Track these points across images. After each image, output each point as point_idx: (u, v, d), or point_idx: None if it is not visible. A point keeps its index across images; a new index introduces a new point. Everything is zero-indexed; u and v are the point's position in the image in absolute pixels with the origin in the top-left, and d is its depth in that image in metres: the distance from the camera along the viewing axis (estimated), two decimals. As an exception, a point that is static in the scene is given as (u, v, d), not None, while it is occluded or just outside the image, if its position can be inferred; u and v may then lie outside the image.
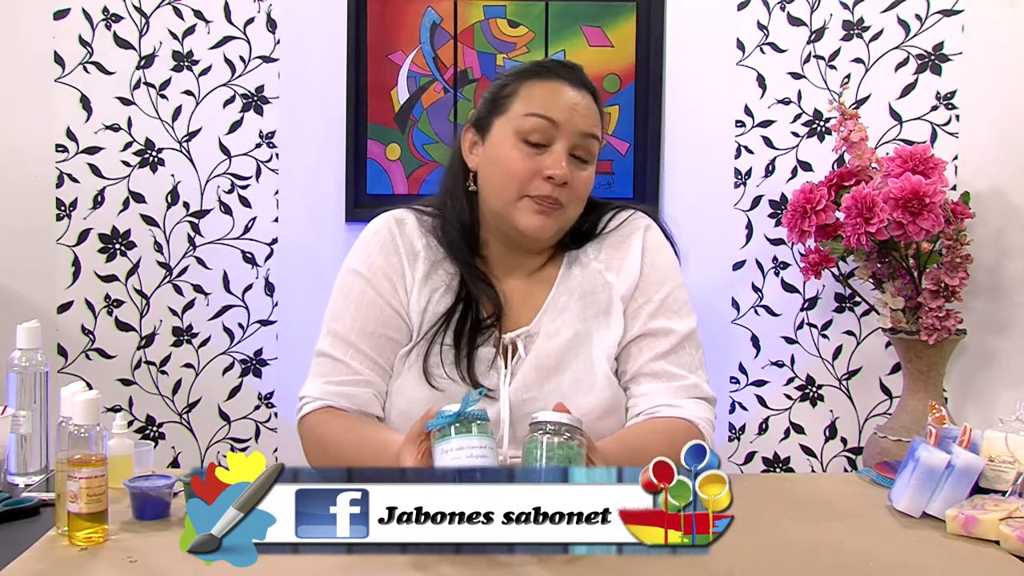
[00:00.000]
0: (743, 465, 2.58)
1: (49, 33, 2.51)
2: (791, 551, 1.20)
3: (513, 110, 1.50)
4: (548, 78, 1.51)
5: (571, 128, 1.48)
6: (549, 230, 1.50)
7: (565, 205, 1.49)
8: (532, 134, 1.47)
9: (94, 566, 1.14)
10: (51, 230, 2.54)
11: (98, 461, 1.19)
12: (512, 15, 2.53)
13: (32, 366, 1.49)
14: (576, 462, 1.18)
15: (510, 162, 1.48)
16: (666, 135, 2.54)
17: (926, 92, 2.48)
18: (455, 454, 1.15)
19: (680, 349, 1.53)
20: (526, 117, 1.48)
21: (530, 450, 1.19)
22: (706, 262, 2.48)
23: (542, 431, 1.19)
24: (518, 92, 1.51)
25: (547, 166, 1.46)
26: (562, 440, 1.18)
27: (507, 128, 1.49)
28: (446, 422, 1.16)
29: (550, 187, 1.46)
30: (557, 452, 1.17)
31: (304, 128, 2.54)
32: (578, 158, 1.49)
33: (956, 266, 2.25)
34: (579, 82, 1.52)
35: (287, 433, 2.48)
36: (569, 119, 1.47)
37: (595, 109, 1.53)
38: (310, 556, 1.15)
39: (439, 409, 1.19)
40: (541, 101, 1.49)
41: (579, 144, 1.49)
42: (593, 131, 1.51)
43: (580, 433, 1.20)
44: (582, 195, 1.52)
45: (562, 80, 1.51)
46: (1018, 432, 1.37)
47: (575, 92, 1.50)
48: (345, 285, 1.56)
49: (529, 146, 1.47)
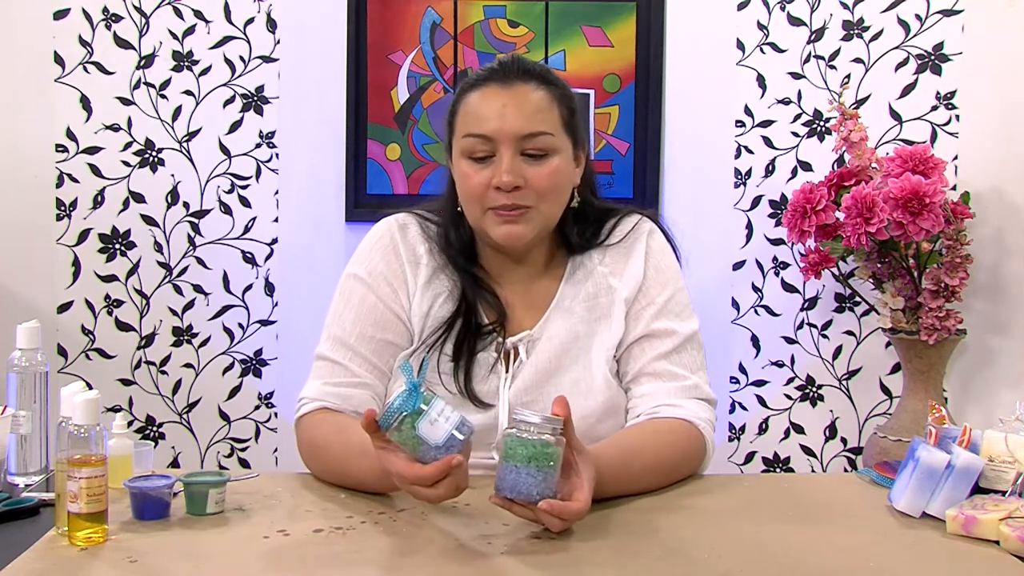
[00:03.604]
0: (743, 465, 2.58)
1: (49, 33, 2.51)
2: (791, 551, 1.20)
3: (457, 130, 1.50)
4: (479, 87, 1.49)
5: (506, 136, 1.45)
6: (523, 236, 1.49)
7: (533, 205, 1.47)
8: (474, 152, 1.47)
9: (94, 566, 1.14)
10: (51, 230, 2.54)
11: (98, 461, 1.19)
12: (512, 15, 2.53)
13: (32, 366, 1.48)
14: (539, 460, 1.17)
15: (465, 180, 1.48)
16: (666, 135, 2.54)
17: (926, 92, 2.48)
18: (444, 415, 1.17)
19: (682, 350, 1.53)
20: (464, 138, 1.48)
21: (503, 444, 1.20)
22: (706, 262, 2.48)
23: (515, 428, 1.19)
24: (458, 110, 1.50)
25: (492, 176, 1.45)
26: (528, 437, 1.17)
27: (456, 148, 1.50)
28: (418, 399, 1.17)
29: (503, 196, 1.45)
30: (520, 450, 1.17)
31: (304, 128, 2.54)
32: (531, 155, 1.47)
33: (956, 266, 2.25)
34: (514, 76, 1.47)
35: (287, 433, 2.47)
36: (500, 128, 1.45)
37: (536, 99, 1.47)
38: (304, 548, 1.15)
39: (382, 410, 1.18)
40: (473, 117, 1.47)
41: (524, 146, 1.46)
42: (533, 129, 1.45)
43: (556, 432, 1.19)
44: (549, 189, 1.48)
45: (493, 83, 1.48)
46: (1018, 432, 1.37)
47: (507, 92, 1.46)
48: (346, 289, 1.56)
49: (477, 161, 1.47)
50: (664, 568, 1.15)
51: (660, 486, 1.43)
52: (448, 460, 1.16)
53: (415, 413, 1.17)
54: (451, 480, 1.18)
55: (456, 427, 1.17)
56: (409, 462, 1.18)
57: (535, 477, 1.17)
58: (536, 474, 1.17)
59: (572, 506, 1.20)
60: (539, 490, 1.17)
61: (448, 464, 1.15)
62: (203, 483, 1.30)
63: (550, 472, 1.18)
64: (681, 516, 1.33)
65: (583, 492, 1.21)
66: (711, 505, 1.38)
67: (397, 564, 1.16)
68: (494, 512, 1.24)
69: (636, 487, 1.39)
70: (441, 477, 1.17)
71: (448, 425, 1.17)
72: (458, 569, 1.14)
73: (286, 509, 1.33)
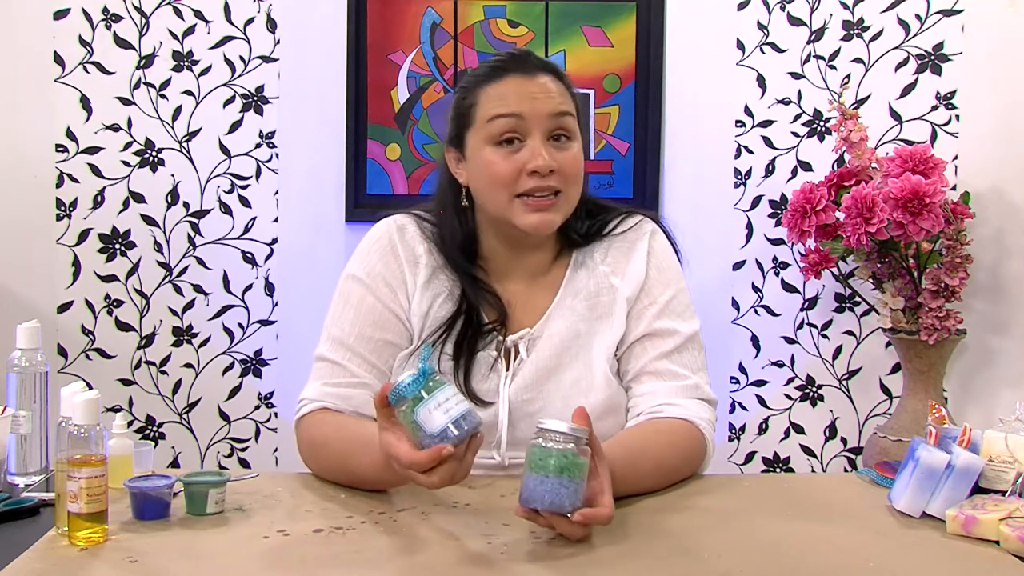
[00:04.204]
0: (743, 465, 2.58)
1: (49, 33, 2.51)
2: (790, 551, 1.20)
3: (479, 119, 1.49)
4: (501, 77, 1.49)
5: (538, 115, 1.46)
6: (554, 223, 1.49)
7: (562, 189, 1.48)
8: (504, 134, 1.46)
9: (94, 566, 1.14)
10: (51, 230, 2.54)
11: (98, 461, 1.19)
12: (512, 15, 2.53)
13: (32, 366, 1.48)
14: (570, 471, 1.16)
15: (492, 168, 1.47)
16: (666, 135, 2.54)
17: (926, 92, 2.48)
18: (446, 406, 1.16)
19: (683, 350, 1.53)
20: (492, 121, 1.47)
21: (528, 455, 1.19)
22: (706, 262, 2.48)
23: (541, 438, 1.18)
24: (478, 100, 1.49)
25: (527, 160, 1.45)
26: (559, 448, 1.17)
27: (479, 137, 1.48)
28: (420, 386, 1.16)
29: (537, 180, 1.45)
30: (550, 461, 1.17)
31: (304, 128, 2.54)
32: (558, 138, 1.48)
33: (956, 266, 2.25)
34: (534, 68, 1.49)
35: (287, 433, 2.47)
36: (533, 107, 1.46)
37: (558, 86, 1.49)
38: (304, 548, 1.15)
39: (393, 383, 1.18)
40: (500, 100, 1.47)
41: (554, 126, 1.47)
42: (562, 108, 1.48)
43: (582, 442, 1.19)
44: (575, 173, 1.49)
45: (515, 74, 1.48)
46: (1018, 432, 1.37)
47: (531, 80, 1.48)
48: (345, 290, 1.56)
49: (505, 146, 1.46)
50: (664, 568, 1.15)
51: (662, 486, 1.43)
52: (438, 449, 1.15)
53: (416, 398, 1.17)
54: (446, 469, 1.17)
55: (454, 420, 1.16)
56: (408, 447, 1.18)
57: (567, 488, 1.16)
58: (568, 484, 1.16)
59: (602, 512, 1.19)
60: (571, 501, 1.16)
61: (438, 453, 1.15)
62: (203, 483, 1.30)
63: (580, 483, 1.17)
64: (681, 516, 1.33)
65: (606, 496, 1.21)
66: (711, 505, 1.38)
67: (397, 564, 1.16)
68: (494, 512, 1.25)
69: (640, 487, 1.39)
70: (433, 465, 1.16)
71: (445, 417, 1.16)
72: (458, 569, 1.14)
73: (286, 509, 1.33)
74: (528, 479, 1.17)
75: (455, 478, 1.19)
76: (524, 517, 1.19)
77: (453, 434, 1.16)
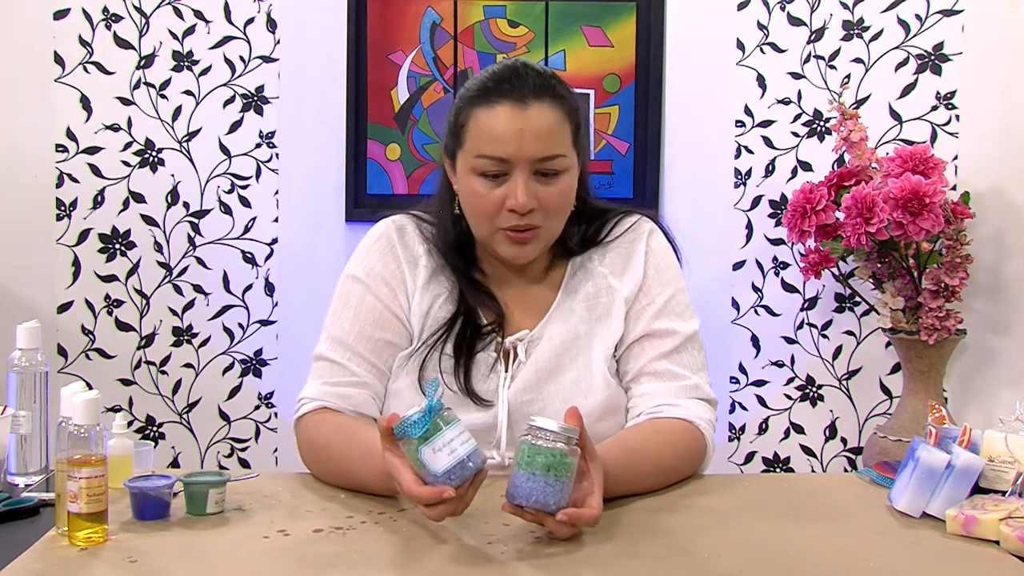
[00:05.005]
0: (743, 465, 2.58)
1: (49, 33, 2.51)
2: (790, 551, 1.20)
3: (467, 146, 1.46)
4: (492, 103, 1.43)
5: (522, 158, 1.42)
6: (530, 255, 1.49)
7: (543, 224, 1.46)
8: (487, 171, 1.44)
9: (94, 566, 1.14)
10: (51, 230, 2.54)
11: (98, 461, 1.19)
12: (512, 15, 2.53)
13: (32, 366, 1.48)
14: (557, 470, 1.16)
15: (475, 199, 1.46)
16: (666, 135, 2.54)
17: (926, 92, 2.48)
18: (451, 446, 1.15)
19: (683, 350, 1.53)
20: (477, 158, 1.44)
21: (517, 451, 1.19)
22: (706, 262, 2.48)
23: (531, 436, 1.18)
24: (468, 124, 1.45)
25: (508, 196, 1.43)
26: (548, 446, 1.17)
27: (466, 164, 1.46)
28: (425, 425, 1.15)
29: (516, 217, 1.44)
30: (538, 459, 1.17)
31: (304, 128, 2.54)
32: (545, 173, 1.44)
33: (956, 266, 2.25)
34: (528, 93, 1.42)
35: (287, 433, 2.47)
36: (518, 151, 1.41)
37: (554, 115, 1.43)
38: (304, 548, 1.15)
39: (402, 416, 1.17)
40: (488, 139, 1.43)
41: (538, 168, 1.43)
42: (550, 152, 1.42)
43: (572, 442, 1.19)
44: (557, 208, 1.47)
45: (507, 101, 1.42)
46: (1018, 432, 1.37)
47: (523, 113, 1.41)
48: (344, 290, 1.56)
49: (489, 179, 1.44)
50: (664, 568, 1.15)
51: (661, 486, 1.43)
52: (440, 491, 1.15)
53: (422, 437, 1.16)
54: (447, 506, 1.17)
55: (459, 461, 1.15)
56: (411, 477, 1.18)
57: (552, 487, 1.16)
58: (554, 483, 1.16)
59: (587, 513, 1.19)
60: (556, 499, 1.17)
61: (439, 494, 1.15)
62: (203, 483, 1.30)
63: (567, 482, 1.17)
64: (681, 516, 1.33)
65: (595, 498, 1.20)
66: (711, 505, 1.38)
67: (397, 564, 1.16)
68: (495, 513, 1.24)
69: (639, 487, 1.39)
70: (433, 503, 1.17)
71: (450, 459, 1.15)
72: (458, 569, 1.14)
73: (286, 509, 1.33)
74: (516, 475, 1.18)
75: (456, 512, 1.20)
76: (510, 512, 1.20)
77: (456, 476, 1.16)
